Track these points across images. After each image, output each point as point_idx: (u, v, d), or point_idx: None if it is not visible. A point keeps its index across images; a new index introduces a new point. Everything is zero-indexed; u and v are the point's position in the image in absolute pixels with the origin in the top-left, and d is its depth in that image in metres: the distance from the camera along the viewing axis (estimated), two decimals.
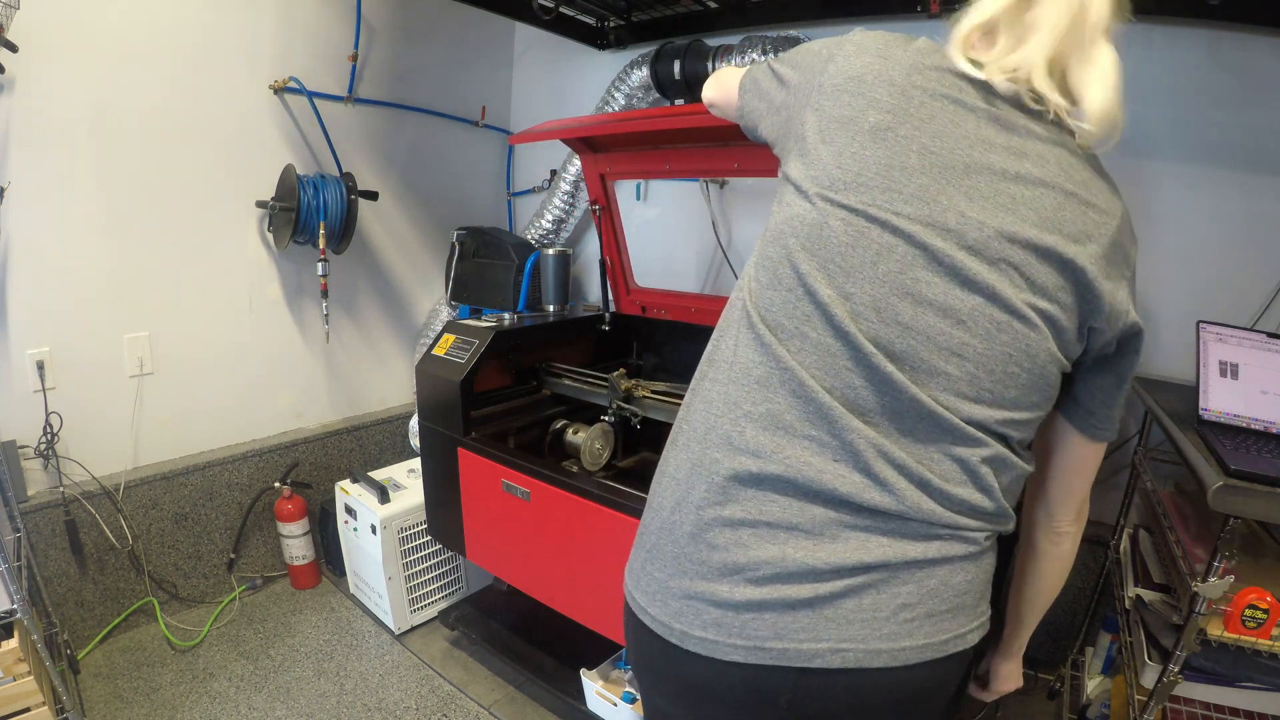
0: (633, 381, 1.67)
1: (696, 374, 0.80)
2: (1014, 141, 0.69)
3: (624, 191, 2.53)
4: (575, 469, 1.76)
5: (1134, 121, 1.75)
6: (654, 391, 1.65)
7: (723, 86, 0.91)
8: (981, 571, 0.72)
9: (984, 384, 0.66)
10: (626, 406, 1.66)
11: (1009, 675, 1.00)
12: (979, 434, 0.66)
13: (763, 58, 1.99)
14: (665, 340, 2.14)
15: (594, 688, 1.60)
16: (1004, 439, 0.69)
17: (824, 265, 0.67)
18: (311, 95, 2.11)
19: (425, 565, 2.10)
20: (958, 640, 0.69)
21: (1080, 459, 0.80)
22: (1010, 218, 0.66)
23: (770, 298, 0.70)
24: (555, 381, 1.89)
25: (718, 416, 0.72)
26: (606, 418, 1.72)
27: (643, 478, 2.03)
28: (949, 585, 0.68)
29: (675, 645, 0.70)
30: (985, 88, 0.71)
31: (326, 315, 2.21)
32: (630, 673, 1.66)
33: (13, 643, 1.29)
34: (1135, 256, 0.76)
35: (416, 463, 2.16)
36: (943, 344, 0.65)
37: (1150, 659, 1.22)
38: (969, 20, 0.77)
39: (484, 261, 2.33)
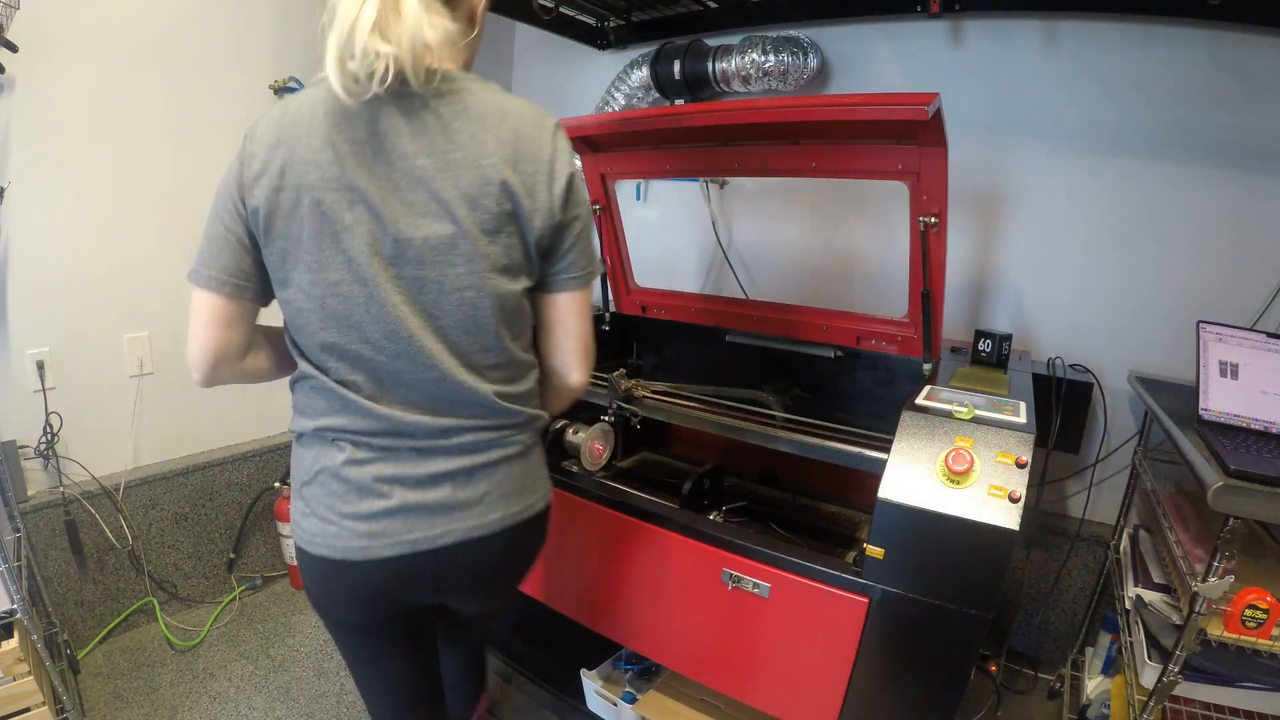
0: (633, 381, 1.67)
1: None
2: None
3: (624, 191, 2.53)
4: (575, 469, 1.76)
5: (1133, 121, 1.76)
6: (654, 391, 1.65)
7: None
8: (531, 463, 0.97)
9: None
10: (626, 406, 1.66)
11: None
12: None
13: (763, 57, 1.99)
14: (665, 340, 2.14)
15: (594, 688, 1.60)
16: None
17: None
18: None
19: None
20: (527, 509, 0.95)
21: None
22: None
23: None
24: None
25: None
26: (606, 418, 1.72)
27: (643, 478, 2.03)
28: (511, 476, 0.93)
29: (339, 560, 0.88)
30: None
31: None
32: (625, 673, 1.66)
33: (13, 643, 1.29)
34: None
35: None
36: None
37: (1150, 659, 1.22)
38: None
39: None
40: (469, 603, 1.05)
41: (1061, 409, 1.63)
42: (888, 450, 1.12)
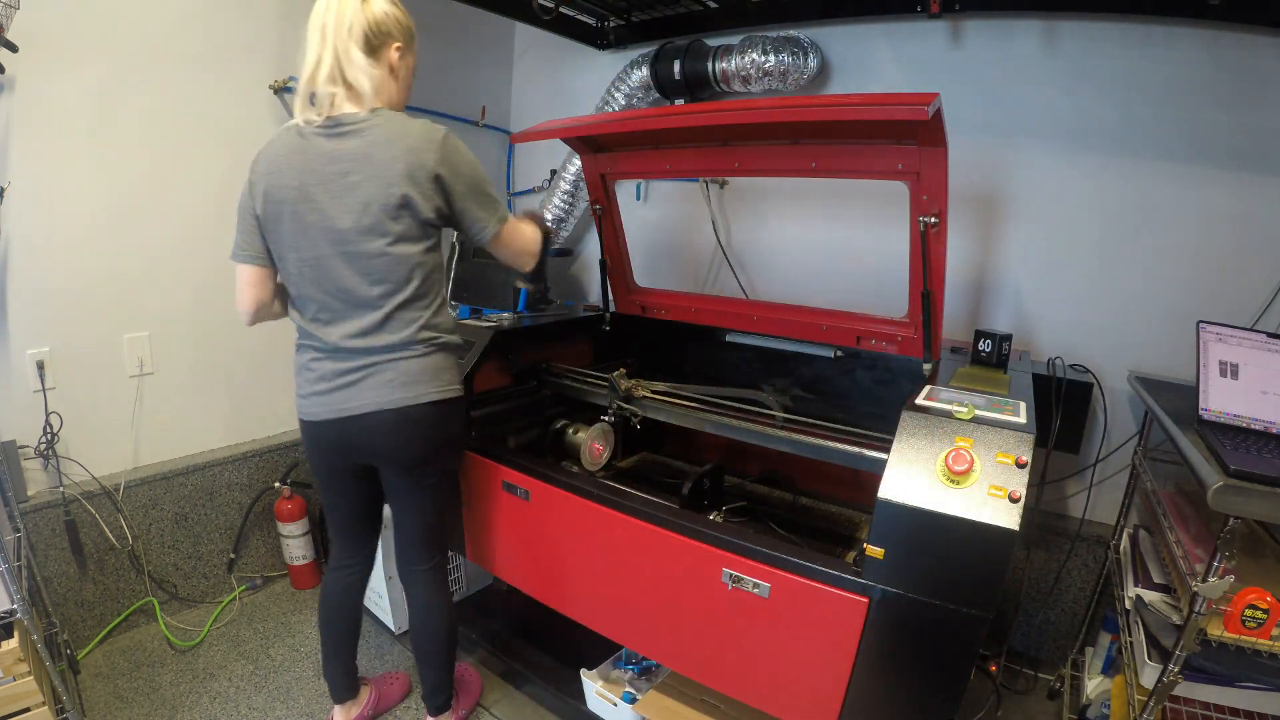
0: (633, 381, 1.67)
1: None
2: None
3: (624, 191, 2.53)
4: (575, 469, 1.76)
5: (1133, 121, 1.76)
6: (654, 391, 1.65)
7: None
8: (426, 366, 1.33)
9: None
10: (626, 406, 1.66)
11: None
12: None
13: (763, 57, 1.99)
14: (665, 340, 2.15)
15: (594, 688, 1.60)
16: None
17: None
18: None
19: None
20: (419, 396, 1.32)
21: None
22: None
23: None
24: (555, 382, 1.89)
25: None
26: (606, 417, 1.72)
27: (643, 478, 2.03)
28: (406, 372, 1.31)
29: (306, 420, 1.38)
30: None
31: None
32: (625, 672, 1.66)
33: (13, 643, 1.29)
34: None
35: None
36: None
37: (1150, 659, 1.22)
38: None
39: (483, 262, 2.33)
40: (386, 464, 1.40)
41: (1061, 409, 1.63)
42: (888, 450, 1.12)
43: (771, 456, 1.92)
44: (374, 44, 1.23)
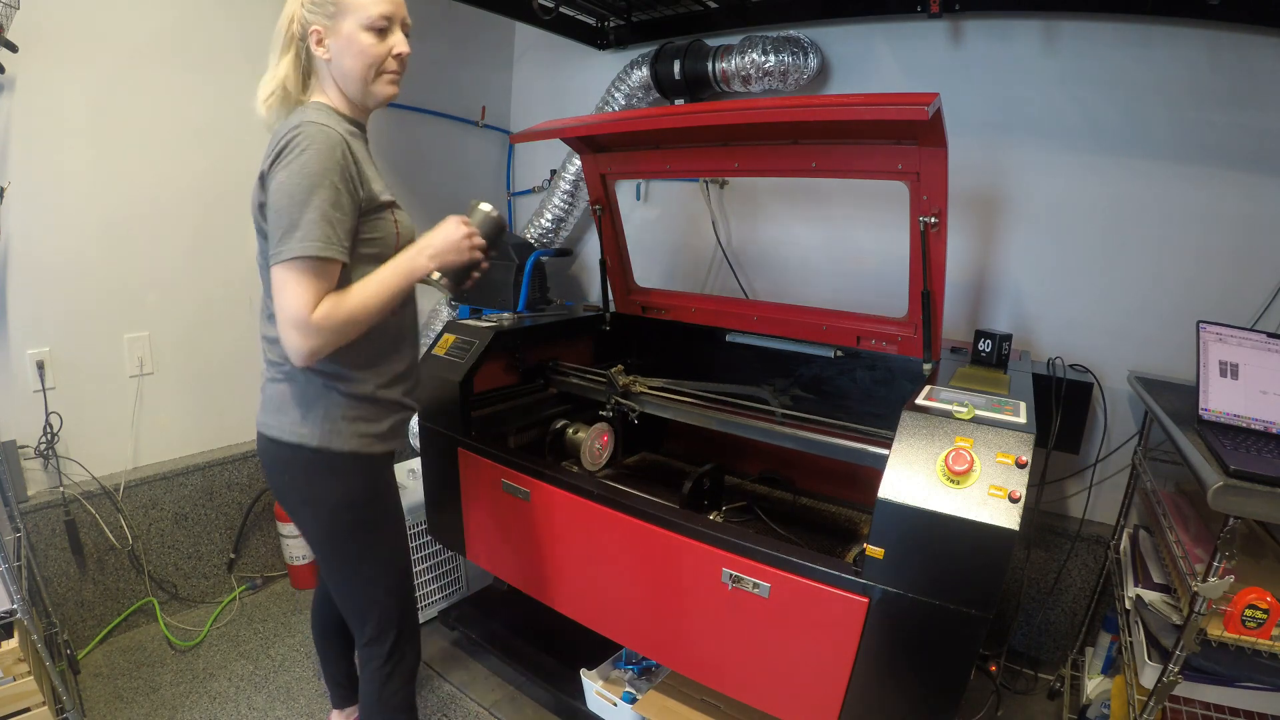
0: (630, 377, 1.67)
1: None
2: None
3: (624, 191, 2.53)
4: (575, 469, 1.76)
5: (1133, 121, 1.76)
6: (650, 387, 1.65)
7: None
8: (273, 394, 1.15)
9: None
10: (624, 401, 1.66)
11: None
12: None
13: (763, 57, 1.99)
14: (665, 340, 2.15)
15: (594, 688, 1.60)
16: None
17: None
18: None
19: (425, 565, 2.09)
20: (264, 426, 1.16)
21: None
22: None
23: None
24: (562, 380, 1.90)
25: None
26: (605, 412, 1.72)
27: (643, 478, 2.03)
28: (267, 395, 1.16)
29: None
30: None
31: None
32: (625, 673, 1.66)
33: (13, 643, 1.29)
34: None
35: (416, 463, 2.16)
36: None
37: (1150, 659, 1.22)
38: None
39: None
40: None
41: (1061, 409, 1.63)
42: (888, 445, 1.12)
43: (771, 456, 1.92)
44: None
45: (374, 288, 1.08)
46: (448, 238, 1.15)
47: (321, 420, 1.12)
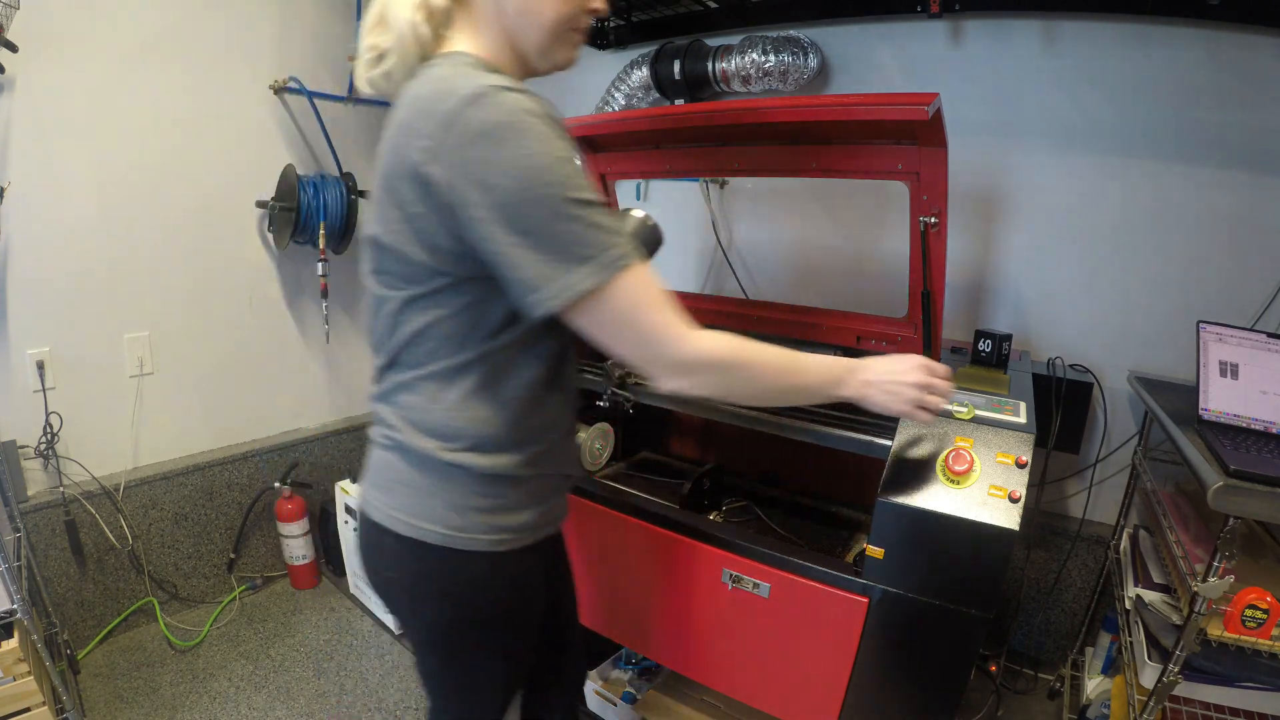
0: (625, 369, 1.67)
1: None
2: None
3: (624, 192, 2.53)
4: None
5: (1133, 121, 1.76)
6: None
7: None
8: (380, 462, 0.88)
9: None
10: (620, 392, 1.66)
11: None
12: None
13: (763, 57, 1.99)
14: None
15: (594, 688, 1.60)
16: None
17: None
18: (311, 95, 2.11)
19: None
20: (366, 505, 0.89)
21: None
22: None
23: None
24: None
25: None
26: (601, 403, 1.72)
27: (643, 478, 2.03)
28: (372, 462, 0.89)
29: None
30: None
31: (326, 315, 2.21)
32: (625, 672, 1.66)
33: (13, 643, 1.29)
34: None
35: None
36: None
37: (1150, 659, 1.22)
38: None
39: None
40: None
41: (1061, 409, 1.63)
42: (890, 437, 1.12)
43: (772, 456, 1.92)
44: None
45: (784, 359, 0.84)
46: (895, 376, 0.91)
47: (446, 509, 0.83)
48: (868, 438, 1.33)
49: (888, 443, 1.13)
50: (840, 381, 0.89)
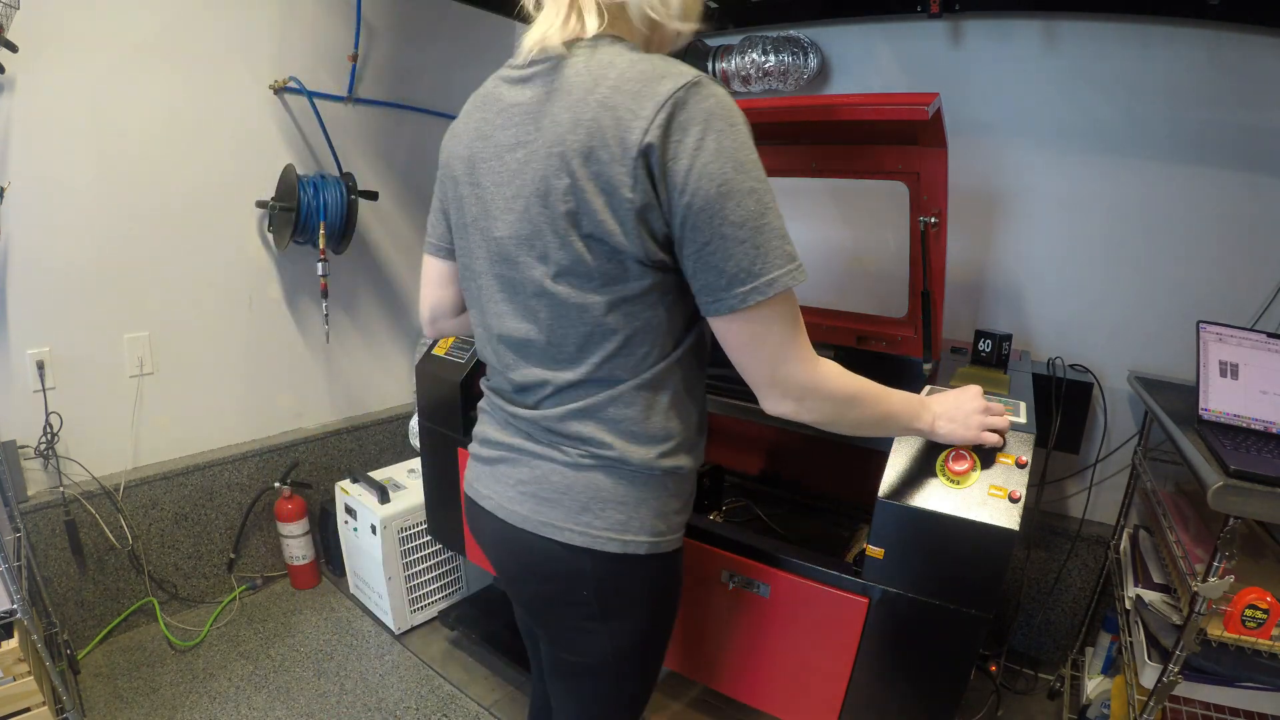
0: None
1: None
2: None
3: None
4: None
5: (1133, 121, 1.76)
6: None
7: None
8: (579, 481, 0.82)
9: None
10: None
11: None
12: None
13: (763, 57, 1.99)
14: None
15: None
16: None
17: None
18: (311, 95, 2.11)
19: (425, 565, 2.10)
20: (552, 528, 0.82)
21: None
22: None
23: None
24: None
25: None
26: None
27: None
28: (548, 480, 0.83)
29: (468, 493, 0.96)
30: None
31: (326, 315, 2.21)
32: None
33: (13, 643, 1.29)
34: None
35: (416, 463, 2.16)
36: None
37: (1150, 659, 1.22)
38: None
39: None
40: (519, 605, 1.02)
41: (1061, 409, 1.63)
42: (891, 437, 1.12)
43: (772, 456, 1.92)
44: None
45: (882, 396, 0.85)
46: (962, 407, 0.98)
47: (654, 517, 0.84)
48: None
49: (887, 443, 1.13)
50: (916, 416, 0.93)
